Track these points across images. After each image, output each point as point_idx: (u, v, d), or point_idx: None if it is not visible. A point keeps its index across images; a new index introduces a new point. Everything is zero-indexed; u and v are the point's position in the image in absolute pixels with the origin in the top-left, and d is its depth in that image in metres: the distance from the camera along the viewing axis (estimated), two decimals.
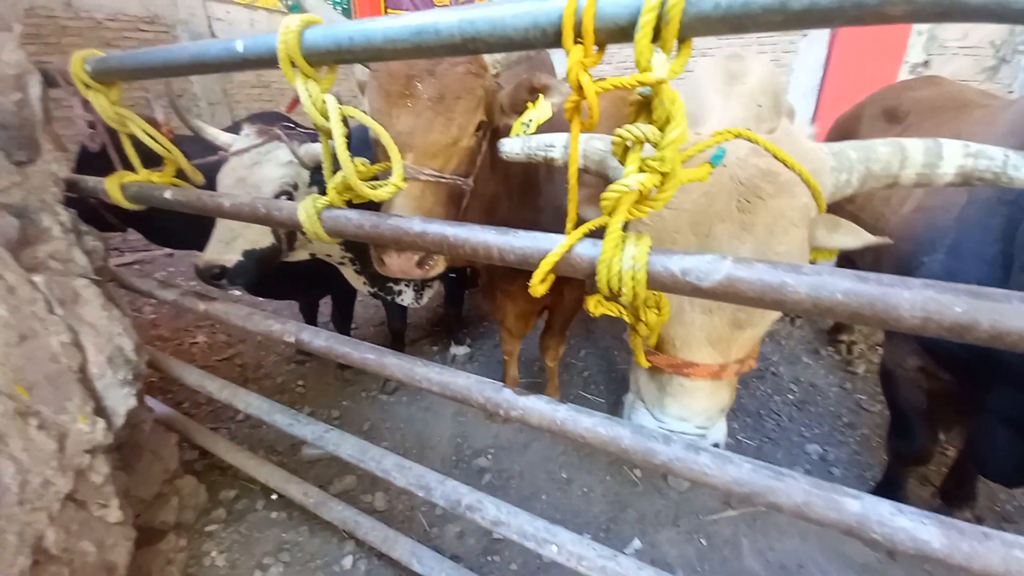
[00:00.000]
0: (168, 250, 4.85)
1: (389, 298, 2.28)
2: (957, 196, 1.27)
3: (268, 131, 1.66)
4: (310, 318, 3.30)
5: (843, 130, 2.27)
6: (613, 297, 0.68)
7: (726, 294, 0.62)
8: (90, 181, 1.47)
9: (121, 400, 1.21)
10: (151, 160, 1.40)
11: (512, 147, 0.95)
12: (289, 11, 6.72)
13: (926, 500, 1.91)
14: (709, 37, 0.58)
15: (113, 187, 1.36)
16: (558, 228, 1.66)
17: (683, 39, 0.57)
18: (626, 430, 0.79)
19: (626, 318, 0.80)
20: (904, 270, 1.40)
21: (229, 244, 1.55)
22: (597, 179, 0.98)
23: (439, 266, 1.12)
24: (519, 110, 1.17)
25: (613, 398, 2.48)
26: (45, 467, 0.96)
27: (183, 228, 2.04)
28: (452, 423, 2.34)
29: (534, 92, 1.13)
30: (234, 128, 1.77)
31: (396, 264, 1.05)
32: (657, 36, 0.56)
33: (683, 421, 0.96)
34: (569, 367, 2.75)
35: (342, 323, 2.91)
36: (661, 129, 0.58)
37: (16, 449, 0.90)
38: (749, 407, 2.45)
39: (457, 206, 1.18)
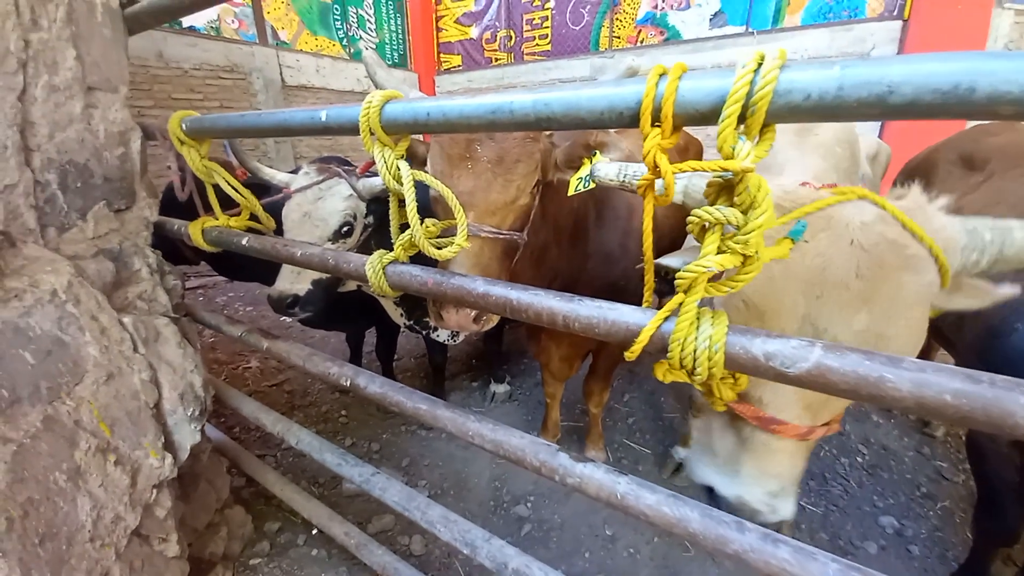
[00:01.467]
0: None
1: (425, 332, 2.32)
2: None
3: (327, 168, 1.77)
4: (356, 348, 3.40)
5: (914, 176, 2.15)
6: (687, 373, 0.65)
7: (814, 383, 0.59)
8: (175, 224, 1.60)
9: (188, 435, 1.27)
10: (225, 201, 1.52)
11: (607, 172, 0.95)
12: (352, 58, 7.26)
13: None
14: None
15: (196, 232, 1.47)
16: (606, 275, 1.68)
17: (767, 125, 0.57)
18: (695, 512, 0.75)
19: (697, 386, 0.77)
20: (993, 334, 1.29)
21: (299, 274, 1.65)
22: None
23: (492, 321, 1.13)
24: (574, 166, 1.20)
25: (660, 448, 2.37)
26: (118, 503, 1.01)
27: (249, 264, 2.18)
28: (490, 464, 2.30)
29: (590, 149, 1.16)
30: (294, 172, 1.88)
31: (454, 320, 1.07)
32: (741, 123, 0.56)
33: (757, 485, 0.89)
34: (613, 412, 2.66)
35: (386, 354, 2.98)
36: (744, 212, 0.57)
37: (94, 485, 0.96)
38: (812, 468, 2.27)
39: (511, 259, 1.20)
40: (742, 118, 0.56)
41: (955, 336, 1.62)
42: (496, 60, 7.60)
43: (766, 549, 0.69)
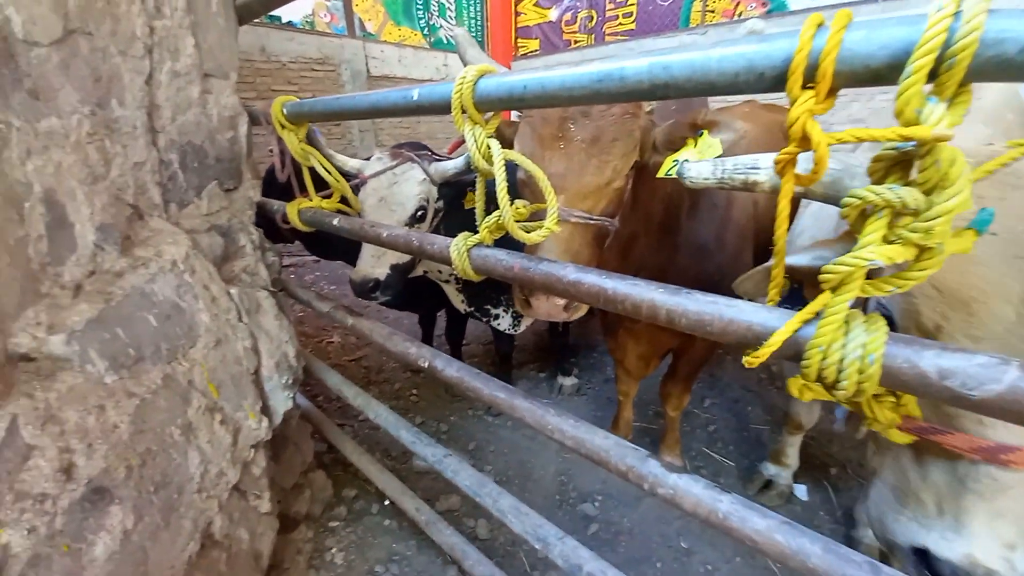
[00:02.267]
0: (316, 257, 5.57)
1: (485, 320, 2.30)
2: None
3: (400, 154, 1.80)
4: (428, 329, 3.51)
5: None
6: (827, 388, 0.55)
7: (1006, 412, 0.46)
8: (274, 204, 1.71)
9: (282, 401, 1.35)
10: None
11: (700, 171, 0.77)
12: (432, 47, 7.42)
13: None
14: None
15: (293, 212, 1.56)
16: (697, 270, 1.54)
17: (963, 84, 0.44)
18: (816, 546, 0.64)
19: (844, 404, 0.65)
20: None
21: (379, 259, 1.70)
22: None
23: (582, 310, 1.07)
24: (675, 147, 1.09)
25: (745, 462, 2.18)
26: (222, 459, 1.10)
27: (339, 243, 2.30)
28: (557, 458, 2.26)
29: (696, 129, 1.04)
30: (366, 160, 1.92)
31: (544, 308, 1.02)
32: (928, 80, 0.44)
33: (989, 536, 0.66)
34: (690, 417, 2.50)
35: (455, 337, 3.03)
36: (927, 194, 0.46)
37: (203, 441, 1.04)
38: None
39: (601, 247, 1.13)
40: (932, 75, 0.44)
41: None
42: (576, 42, 7.38)
43: None
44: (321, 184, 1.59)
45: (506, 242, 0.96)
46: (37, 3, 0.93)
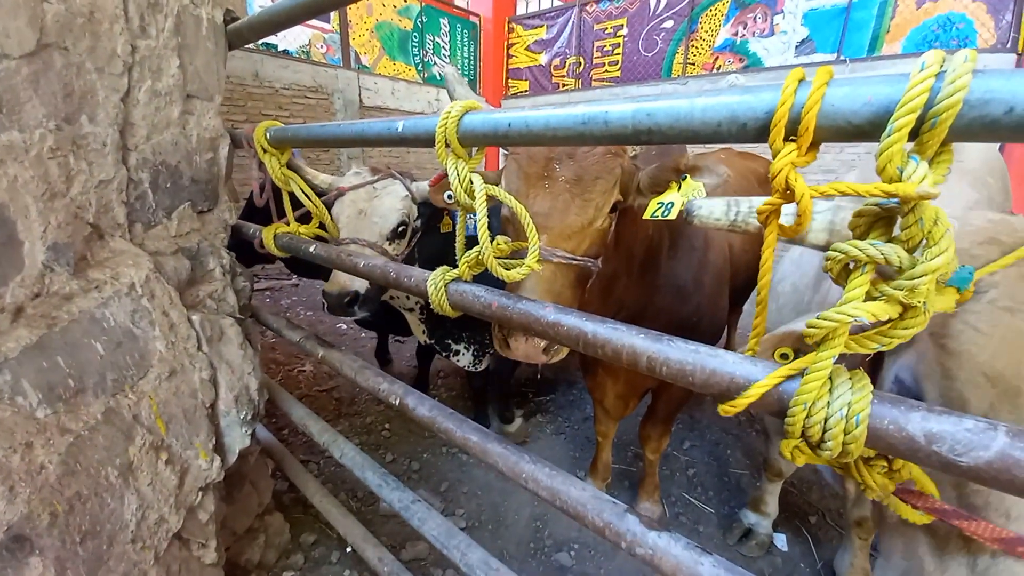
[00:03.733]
0: (294, 280, 5.45)
1: (445, 355, 2.24)
2: None
3: (381, 169, 1.78)
4: (383, 349, 3.40)
5: None
6: (811, 447, 0.52)
7: (997, 480, 0.44)
8: (251, 228, 1.66)
9: (239, 438, 1.26)
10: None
11: (713, 211, 0.73)
12: (425, 83, 7.62)
13: None
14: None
15: (268, 237, 1.51)
16: (676, 310, 1.53)
17: (945, 143, 0.45)
18: None
19: (837, 470, 0.62)
20: None
21: None
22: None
23: (561, 354, 1.04)
24: (659, 190, 1.10)
25: (725, 509, 2.12)
26: (164, 504, 1.00)
27: (318, 265, 2.24)
28: (531, 502, 2.16)
29: (680, 173, 1.05)
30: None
31: (523, 350, 0.98)
32: (911, 139, 0.44)
33: None
34: (670, 460, 2.44)
35: (423, 356, 2.93)
36: (909, 251, 0.45)
37: (143, 483, 0.95)
38: None
39: (583, 288, 1.11)
40: (913, 134, 0.44)
41: None
42: (564, 86, 7.68)
43: None
44: (301, 207, 1.55)
45: (486, 278, 0.93)
46: (13, 17, 0.90)
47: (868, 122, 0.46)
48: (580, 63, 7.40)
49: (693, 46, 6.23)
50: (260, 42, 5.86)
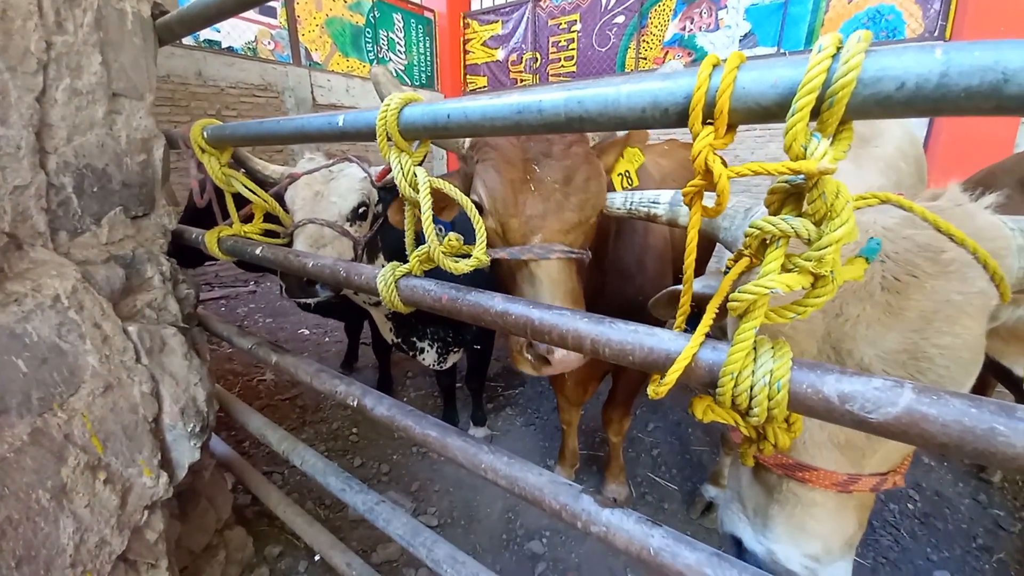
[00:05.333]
0: (252, 287, 5.24)
1: (411, 354, 2.21)
2: None
3: (336, 153, 1.74)
4: (354, 340, 3.33)
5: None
6: (739, 413, 0.55)
7: (905, 434, 0.48)
8: (193, 233, 1.58)
9: (187, 452, 1.21)
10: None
11: (614, 202, 0.99)
12: None
13: None
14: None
15: (212, 241, 1.44)
16: (622, 293, 1.58)
17: (846, 121, 0.48)
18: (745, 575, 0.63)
19: (744, 430, 0.66)
20: None
21: (319, 251, 1.56)
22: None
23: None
24: (611, 167, 1.17)
25: (688, 485, 2.20)
26: (105, 525, 0.94)
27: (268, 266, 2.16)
28: (503, 495, 2.17)
29: (622, 145, 1.16)
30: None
31: (564, 362, 0.94)
32: (813, 118, 0.47)
33: (792, 544, 0.75)
34: (636, 442, 2.51)
35: (383, 351, 2.88)
36: (817, 224, 0.48)
37: (79, 506, 0.90)
38: None
39: (582, 280, 1.12)
40: (816, 113, 0.47)
41: None
42: (521, 81, 7.70)
43: None
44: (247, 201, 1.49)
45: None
46: None
47: (775, 103, 0.49)
48: (537, 59, 7.43)
49: (644, 41, 6.37)
50: (202, 39, 5.57)
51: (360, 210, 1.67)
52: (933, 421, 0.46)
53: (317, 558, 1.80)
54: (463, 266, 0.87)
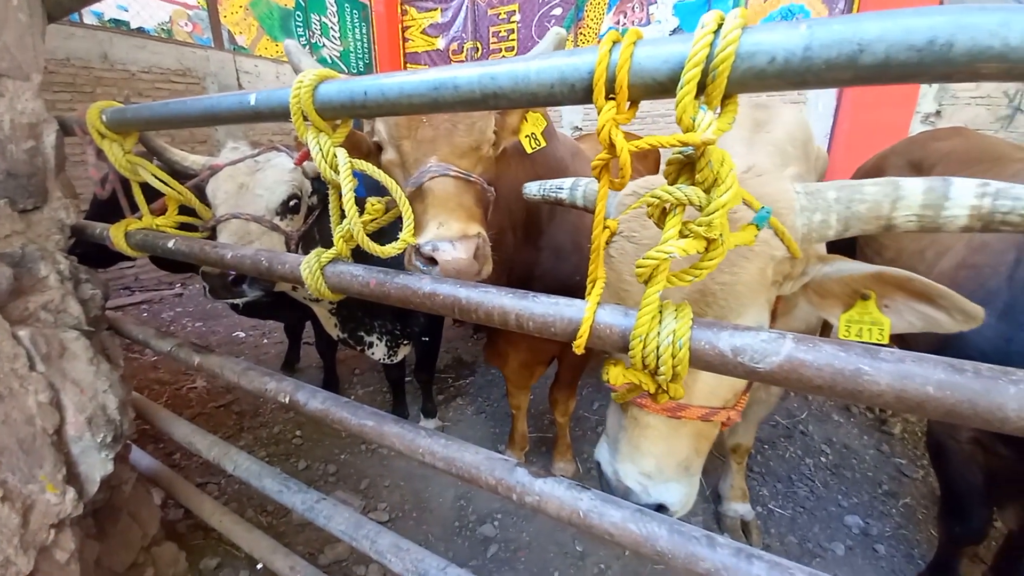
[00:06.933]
0: (178, 290, 4.86)
1: (359, 348, 2.14)
2: (1005, 254, 1.19)
3: (263, 143, 1.65)
4: (295, 340, 3.19)
5: None
6: (649, 372, 0.59)
7: (787, 379, 0.53)
8: (97, 228, 1.44)
9: (98, 465, 1.11)
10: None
11: (531, 190, 1.09)
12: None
13: None
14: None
15: (118, 235, 1.33)
16: (558, 271, 1.63)
17: (730, 95, 0.51)
18: (663, 528, 0.68)
19: (647, 387, 0.70)
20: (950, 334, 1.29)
21: (244, 244, 1.46)
22: None
23: (488, 266, 1.05)
24: (517, 130, 1.24)
25: None
26: (6, 546, 0.85)
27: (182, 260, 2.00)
28: (455, 483, 2.18)
29: (522, 112, 1.23)
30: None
31: (451, 262, 0.95)
32: (701, 92, 0.50)
33: (631, 462, 0.85)
34: (582, 421, 2.60)
35: (327, 349, 2.78)
36: (707, 191, 0.52)
37: None
38: (779, 471, 2.26)
39: (486, 213, 1.14)
40: (703, 87, 0.50)
41: (911, 337, 1.65)
42: None
43: (740, 567, 0.62)
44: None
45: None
46: None
47: (668, 78, 0.52)
48: (478, 48, 7.36)
49: (581, 33, 6.49)
50: (108, 19, 5.04)
51: (291, 203, 1.59)
52: (809, 366, 0.51)
53: (260, 566, 1.72)
54: (389, 249, 0.85)
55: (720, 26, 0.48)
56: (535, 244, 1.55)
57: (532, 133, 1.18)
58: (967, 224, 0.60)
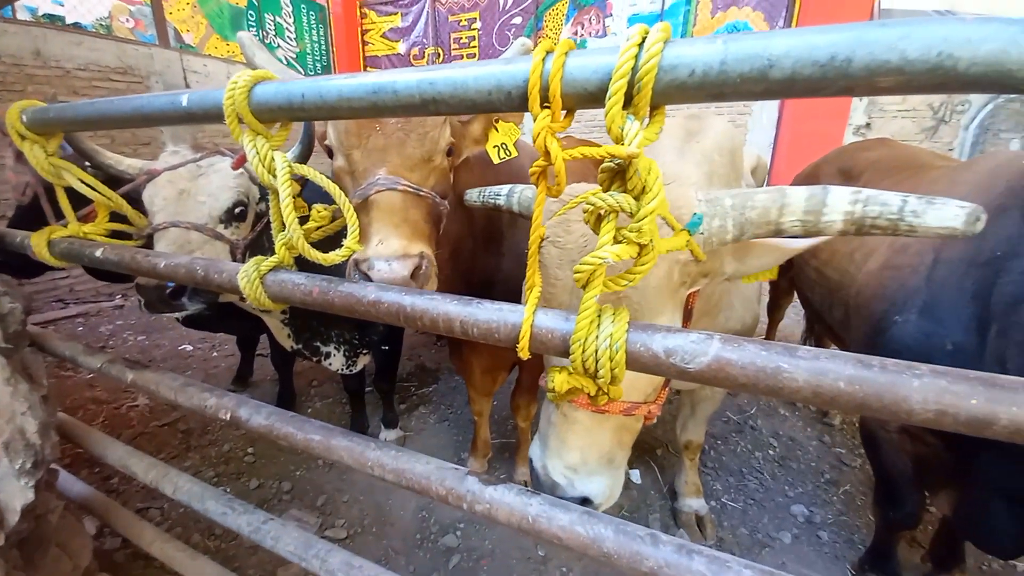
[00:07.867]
0: (118, 301, 4.56)
1: (316, 359, 2.06)
2: (924, 255, 1.28)
3: (205, 146, 1.58)
4: (248, 352, 3.04)
5: None
6: (591, 376, 0.60)
7: (715, 378, 0.55)
8: (17, 236, 1.33)
9: (17, 493, 1.02)
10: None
11: (471, 196, 1.14)
12: None
13: (916, 565, 1.82)
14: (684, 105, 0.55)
15: (40, 244, 1.23)
16: (518, 274, 1.64)
17: (657, 106, 0.53)
18: (609, 530, 0.68)
19: (588, 389, 0.70)
20: (876, 329, 1.39)
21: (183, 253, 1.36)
22: None
23: (432, 278, 1.04)
24: (483, 141, 1.24)
25: None
26: None
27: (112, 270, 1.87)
28: (416, 495, 2.13)
29: (491, 120, 1.23)
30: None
31: (383, 274, 0.93)
32: (629, 103, 0.52)
33: (557, 456, 0.87)
34: None
35: (281, 362, 2.68)
36: (636, 199, 0.53)
37: None
38: (731, 465, 2.35)
39: (437, 227, 1.12)
40: (631, 98, 0.52)
41: (844, 333, 1.75)
42: None
43: (681, 563, 0.64)
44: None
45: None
46: None
47: (598, 88, 0.53)
48: (439, 54, 7.35)
49: (540, 43, 6.56)
50: (41, 13, 4.70)
51: (236, 210, 1.51)
52: (734, 365, 0.53)
53: None
54: (333, 256, 0.83)
55: (644, 39, 0.50)
56: (497, 250, 1.55)
57: (503, 143, 1.17)
58: (843, 228, 0.64)
